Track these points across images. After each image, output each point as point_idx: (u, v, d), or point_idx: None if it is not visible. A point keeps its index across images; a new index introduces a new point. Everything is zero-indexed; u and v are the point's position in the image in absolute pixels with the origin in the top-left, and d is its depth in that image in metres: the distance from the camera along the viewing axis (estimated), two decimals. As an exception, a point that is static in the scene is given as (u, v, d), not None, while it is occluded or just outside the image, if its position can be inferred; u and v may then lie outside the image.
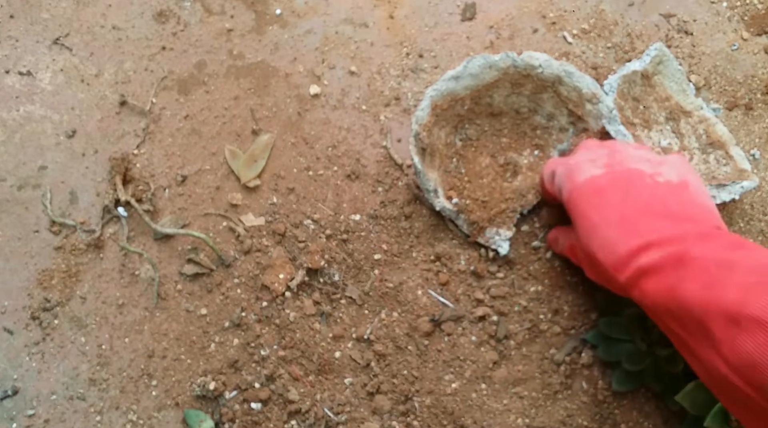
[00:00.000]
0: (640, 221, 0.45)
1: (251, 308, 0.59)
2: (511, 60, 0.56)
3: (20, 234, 0.62)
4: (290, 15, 0.70)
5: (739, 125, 0.64)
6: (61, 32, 0.69)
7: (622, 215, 0.45)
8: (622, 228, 0.45)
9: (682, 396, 0.50)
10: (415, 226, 0.61)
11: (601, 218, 0.46)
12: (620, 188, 0.47)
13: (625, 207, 0.46)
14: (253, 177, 0.63)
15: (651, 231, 0.44)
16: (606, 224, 0.45)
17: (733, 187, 0.58)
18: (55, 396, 0.57)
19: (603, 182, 0.47)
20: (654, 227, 0.44)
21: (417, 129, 0.57)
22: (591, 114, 0.58)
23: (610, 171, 0.48)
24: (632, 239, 0.44)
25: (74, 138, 0.65)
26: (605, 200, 0.46)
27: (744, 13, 0.69)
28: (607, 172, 0.48)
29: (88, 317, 0.59)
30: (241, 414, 0.56)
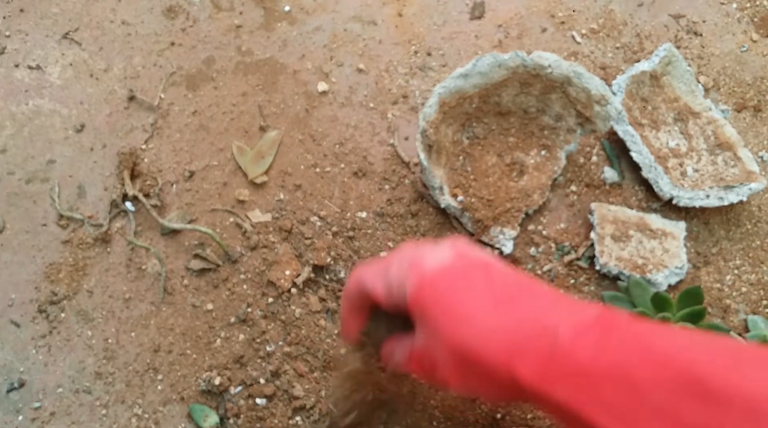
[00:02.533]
0: (517, 300, 0.37)
1: (257, 304, 0.59)
2: (521, 59, 0.56)
3: (28, 228, 0.62)
4: (299, 12, 0.70)
5: (748, 126, 0.64)
6: (71, 27, 0.70)
7: (495, 297, 0.37)
8: (501, 310, 0.37)
9: None
10: (422, 224, 0.61)
11: (472, 304, 0.37)
12: (481, 270, 0.39)
13: (495, 289, 0.38)
14: (260, 173, 0.63)
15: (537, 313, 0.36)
16: (482, 310, 0.37)
17: (741, 189, 0.58)
18: (61, 389, 0.57)
19: (458, 266, 0.39)
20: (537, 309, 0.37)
21: (424, 126, 0.57)
22: (599, 116, 0.58)
23: (459, 256, 0.40)
24: (512, 321, 0.36)
25: (83, 132, 0.66)
26: (470, 284, 0.38)
27: (754, 14, 0.68)
28: (457, 257, 0.40)
29: (94, 311, 0.59)
30: (246, 409, 0.56)
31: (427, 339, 0.39)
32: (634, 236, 0.58)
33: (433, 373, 0.40)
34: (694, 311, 0.53)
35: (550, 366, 0.33)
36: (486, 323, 0.36)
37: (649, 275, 0.56)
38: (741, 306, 0.58)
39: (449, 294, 0.38)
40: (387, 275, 0.41)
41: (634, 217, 0.59)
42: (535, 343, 0.34)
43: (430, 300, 0.38)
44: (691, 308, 0.53)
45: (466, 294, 0.38)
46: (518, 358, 0.34)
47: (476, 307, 0.37)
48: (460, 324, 0.37)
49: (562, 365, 0.33)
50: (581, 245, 0.60)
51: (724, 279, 0.59)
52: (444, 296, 0.38)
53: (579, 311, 0.35)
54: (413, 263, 0.40)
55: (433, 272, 0.39)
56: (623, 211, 0.60)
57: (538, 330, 0.35)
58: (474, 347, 0.36)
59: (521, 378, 0.34)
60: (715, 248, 0.60)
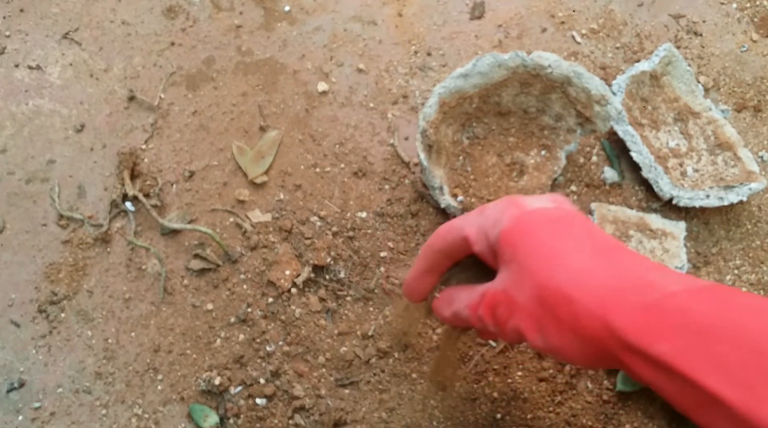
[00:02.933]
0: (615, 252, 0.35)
1: (257, 304, 0.59)
2: (521, 59, 0.56)
3: (28, 228, 0.62)
4: (299, 12, 0.70)
5: (748, 126, 0.64)
6: (71, 27, 0.70)
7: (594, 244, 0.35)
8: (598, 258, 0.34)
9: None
10: (422, 224, 0.61)
11: (568, 247, 0.35)
12: (581, 218, 0.37)
13: (595, 237, 0.35)
14: (260, 173, 0.63)
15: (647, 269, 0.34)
16: (579, 254, 0.34)
17: (741, 189, 0.58)
18: (61, 389, 0.57)
19: (560, 214, 0.37)
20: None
21: (424, 126, 0.57)
22: (599, 116, 0.58)
23: (556, 206, 0.38)
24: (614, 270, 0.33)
25: (83, 132, 0.66)
26: (569, 229, 0.36)
27: (754, 14, 0.68)
28: (555, 206, 0.38)
29: (94, 311, 0.59)
30: (246, 409, 0.56)
31: (512, 279, 0.36)
32: (634, 236, 0.58)
33: (507, 320, 0.36)
34: (694, 311, 0.53)
35: (655, 320, 0.30)
36: (584, 267, 0.34)
37: (649, 275, 0.56)
38: (741, 306, 0.58)
39: (547, 233, 0.35)
40: (481, 215, 0.39)
41: (634, 217, 0.59)
42: (637, 295, 0.31)
43: (525, 237, 0.36)
44: (691, 308, 0.53)
45: (564, 237, 0.35)
46: (616, 308, 0.31)
47: (574, 251, 0.34)
48: (555, 265, 0.34)
49: (670, 319, 0.30)
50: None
51: (724, 279, 0.59)
52: (541, 234, 0.35)
53: (689, 277, 0.33)
54: (512, 203, 0.38)
55: (532, 211, 0.37)
56: (623, 211, 0.60)
57: (643, 283, 0.32)
58: (566, 290, 0.33)
59: (617, 328, 0.31)
60: (715, 248, 0.60)
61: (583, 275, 0.33)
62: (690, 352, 0.29)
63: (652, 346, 0.30)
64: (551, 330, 0.34)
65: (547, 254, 0.34)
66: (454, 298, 0.41)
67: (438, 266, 0.42)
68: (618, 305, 0.31)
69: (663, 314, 0.30)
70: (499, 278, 0.37)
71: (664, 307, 0.31)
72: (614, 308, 0.31)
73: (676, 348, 0.30)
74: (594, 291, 0.32)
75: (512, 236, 0.36)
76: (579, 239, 0.35)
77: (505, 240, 0.36)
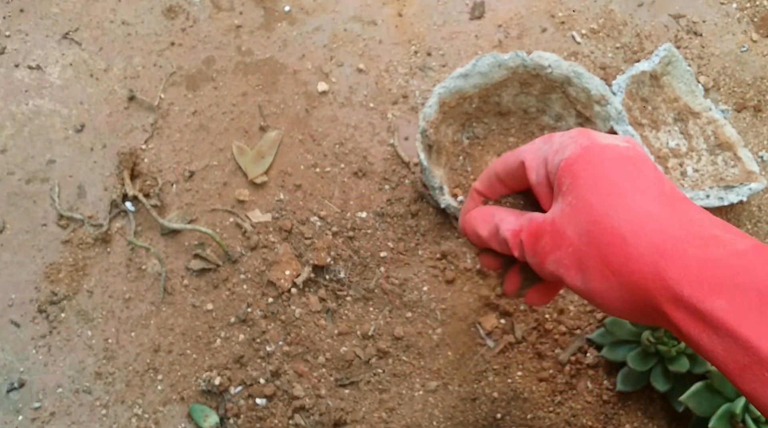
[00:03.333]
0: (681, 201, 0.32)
1: (257, 304, 0.59)
2: (521, 59, 0.56)
3: (28, 228, 0.62)
4: (299, 12, 0.70)
5: (748, 126, 0.64)
6: (71, 27, 0.70)
7: (661, 190, 0.32)
8: (665, 205, 0.32)
9: (688, 397, 0.50)
10: (422, 224, 0.61)
11: (635, 187, 0.32)
12: (650, 162, 0.34)
13: (662, 183, 0.33)
14: (260, 173, 0.63)
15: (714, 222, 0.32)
16: (646, 197, 0.32)
17: (741, 189, 0.58)
18: (61, 389, 0.57)
19: (632, 153, 0.34)
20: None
21: (424, 126, 0.57)
22: (599, 116, 0.58)
23: (633, 146, 0.35)
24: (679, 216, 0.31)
25: (83, 132, 0.66)
26: (637, 170, 0.33)
27: (754, 14, 0.68)
28: (632, 146, 0.35)
29: (94, 311, 0.59)
30: (246, 409, 0.56)
31: (565, 211, 0.33)
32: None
33: (549, 253, 0.34)
34: (694, 311, 0.53)
35: (716, 274, 0.28)
36: (646, 210, 0.31)
37: (649, 275, 0.56)
38: (741, 306, 0.58)
39: (613, 170, 0.33)
40: (547, 142, 0.36)
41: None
42: (700, 248, 0.29)
43: (590, 168, 0.33)
44: (691, 308, 0.53)
45: (632, 177, 0.33)
46: (674, 257, 0.29)
47: (640, 192, 0.32)
48: (615, 203, 0.32)
49: (732, 276, 0.28)
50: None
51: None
52: (607, 169, 0.33)
53: (756, 240, 0.31)
54: (583, 133, 0.35)
55: (603, 145, 0.34)
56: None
57: (708, 237, 0.30)
58: (622, 231, 0.31)
59: (670, 278, 0.29)
60: (715, 248, 0.60)
61: (643, 218, 0.31)
62: (748, 312, 0.28)
63: (707, 301, 0.28)
64: (595, 271, 0.32)
65: (610, 190, 0.32)
66: (497, 216, 0.38)
67: (493, 191, 0.40)
68: (676, 254, 0.29)
69: (725, 269, 0.29)
70: (551, 209, 0.35)
71: (727, 263, 0.29)
72: (671, 257, 0.29)
73: (734, 306, 0.28)
74: (652, 237, 0.30)
75: (576, 166, 0.33)
76: (647, 182, 0.32)
77: (566, 168, 0.34)
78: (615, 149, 0.34)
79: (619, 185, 0.32)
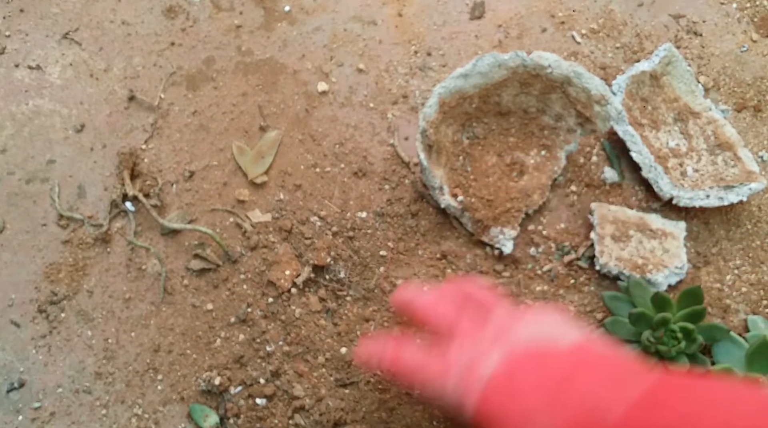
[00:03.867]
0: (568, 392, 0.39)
1: (257, 304, 0.59)
2: (521, 59, 0.56)
3: (28, 228, 0.62)
4: (299, 12, 0.70)
5: (748, 126, 0.64)
6: (71, 27, 0.70)
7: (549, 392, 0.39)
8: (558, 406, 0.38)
9: None
10: (422, 224, 0.61)
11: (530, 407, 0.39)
12: (535, 366, 0.41)
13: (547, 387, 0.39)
14: (260, 173, 0.63)
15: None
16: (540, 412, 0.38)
17: (741, 189, 0.58)
18: (61, 389, 0.57)
19: (511, 368, 0.41)
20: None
21: (424, 126, 0.57)
22: (599, 116, 0.58)
23: (509, 354, 0.41)
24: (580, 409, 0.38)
25: (83, 132, 0.66)
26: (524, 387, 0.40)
27: (754, 14, 0.68)
28: (507, 357, 0.41)
29: (94, 311, 0.59)
30: (246, 409, 0.56)
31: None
32: (634, 236, 0.58)
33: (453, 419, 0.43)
34: (694, 312, 0.53)
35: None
36: (543, 420, 0.38)
37: (649, 276, 0.56)
38: (741, 306, 0.58)
39: (505, 406, 0.40)
40: (447, 387, 0.43)
41: (634, 217, 0.59)
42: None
43: (489, 418, 0.41)
44: (691, 309, 0.53)
45: (520, 399, 0.39)
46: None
47: (532, 408, 0.39)
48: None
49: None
50: (581, 245, 0.60)
51: (724, 279, 0.59)
52: (500, 409, 0.40)
53: (630, 385, 0.36)
54: (467, 379, 0.42)
55: (486, 387, 0.41)
56: (623, 211, 0.60)
57: (592, 415, 0.36)
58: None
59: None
60: (715, 248, 0.60)
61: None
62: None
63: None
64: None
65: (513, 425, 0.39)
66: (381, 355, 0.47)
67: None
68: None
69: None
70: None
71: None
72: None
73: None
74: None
75: (481, 421, 0.41)
76: (533, 391, 0.39)
77: (478, 423, 0.41)
78: (495, 382, 0.41)
79: (516, 417, 0.39)
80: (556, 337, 0.42)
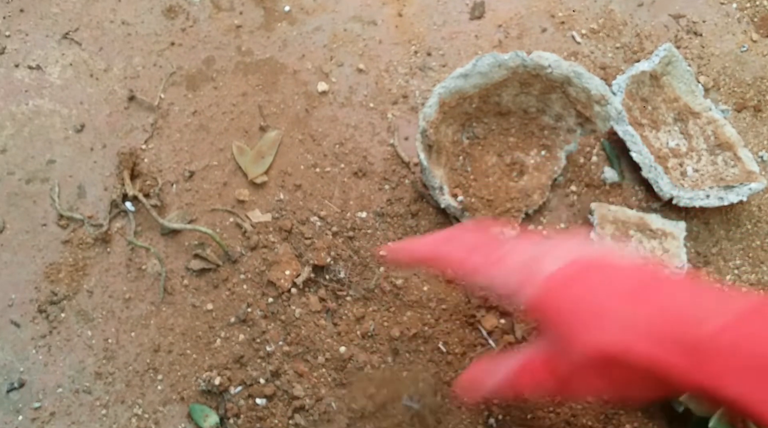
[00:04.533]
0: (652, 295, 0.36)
1: (257, 304, 0.59)
2: (521, 59, 0.56)
3: (28, 228, 0.62)
4: (299, 12, 0.70)
5: (748, 126, 0.64)
6: (71, 27, 0.70)
7: (630, 288, 0.36)
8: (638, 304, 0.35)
9: (687, 398, 0.50)
10: (422, 224, 0.61)
11: (603, 302, 0.36)
12: (604, 270, 0.38)
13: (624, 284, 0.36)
14: (260, 173, 0.63)
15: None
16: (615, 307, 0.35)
17: (741, 189, 0.58)
18: (61, 389, 0.57)
19: (576, 270, 0.38)
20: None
21: (424, 126, 0.57)
22: (599, 116, 0.58)
23: (576, 259, 0.38)
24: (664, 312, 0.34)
25: (83, 132, 0.66)
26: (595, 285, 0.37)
27: (754, 14, 0.68)
28: (574, 260, 0.38)
29: (94, 311, 0.59)
30: (246, 409, 0.56)
31: (558, 347, 0.38)
32: (634, 236, 0.58)
33: (570, 382, 0.38)
34: (694, 311, 0.53)
35: (712, 362, 0.31)
36: (621, 316, 0.34)
37: (649, 275, 0.56)
38: (741, 306, 0.58)
39: (574, 298, 0.37)
40: (504, 278, 0.40)
41: (634, 217, 0.59)
42: (686, 336, 0.32)
43: (555, 308, 0.37)
44: (691, 308, 0.53)
45: (591, 294, 0.36)
46: (671, 357, 0.32)
47: (606, 304, 0.35)
48: (593, 324, 0.35)
49: (727, 360, 0.31)
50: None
51: (724, 279, 0.59)
52: (568, 301, 0.37)
53: (730, 296, 0.33)
54: (531, 270, 0.39)
55: (551, 279, 0.38)
56: (623, 211, 0.60)
57: (688, 321, 0.32)
58: (614, 343, 0.34)
59: (672, 375, 0.32)
60: (715, 248, 0.60)
61: (623, 324, 0.34)
62: (756, 392, 0.30)
63: (718, 391, 0.31)
64: (618, 380, 0.35)
65: (582, 317, 0.36)
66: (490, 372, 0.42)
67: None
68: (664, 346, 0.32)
69: (718, 355, 0.31)
70: (545, 346, 0.39)
71: (717, 347, 0.31)
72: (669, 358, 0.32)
73: (742, 390, 0.30)
74: (641, 344, 0.33)
75: (540, 312, 0.38)
76: (606, 289, 0.36)
77: (534, 314, 0.38)
78: (563, 275, 0.37)
79: (586, 309, 0.36)
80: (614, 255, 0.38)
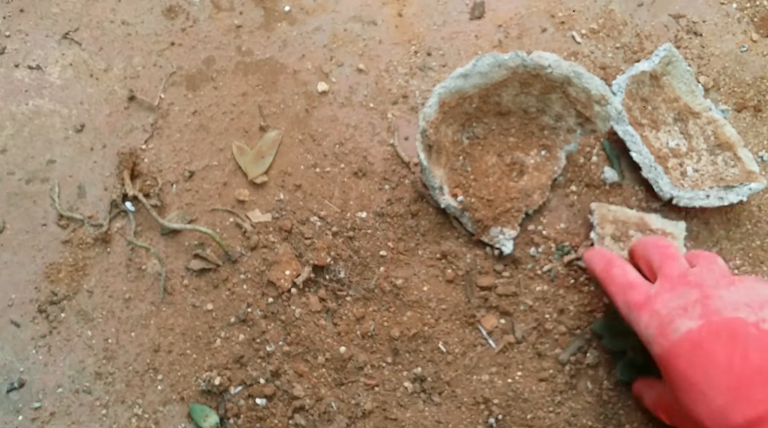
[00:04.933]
0: (753, 385, 0.39)
1: (257, 304, 0.59)
2: (521, 59, 0.56)
3: (28, 228, 0.62)
4: (299, 12, 0.70)
5: (748, 126, 0.64)
6: (71, 27, 0.70)
7: (730, 378, 0.40)
8: (733, 395, 0.40)
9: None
10: (422, 224, 0.61)
11: (707, 382, 0.41)
12: (724, 344, 0.41)
13: (732, 369, 0.40)
14: (260, 173, 0.63)
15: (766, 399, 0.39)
16: (715, 391, 0.40)
17: (741, 189, 0.58)
18: (61, 389, 0.57)
19: (702, 337, 0.42)
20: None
21: (424, 126, 0.57)
22: (599, 116, 0.58)
23: (706, 323, 0.42)
24: (748, 409, 0.39)
25: (83, 132, 0.66)
26: (709, 361, 0.41)
27: (754, 14, 0.68)
28: (704, 324, 0.42)
29: (94, 311, 0.59)
30: (246, 409, 0.56)
31: (672, 397, 0.45)
32: (634, 236, 0.58)
33: (676, 425, 0.47)
34: (694, 311, 0.53)
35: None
36: (717, 403, 0.40)
37: (649, 275, 0.56)
38: (741, 306, 0.58)
39: (688, 366, 0.42)
40: (641, 319, 0.46)
41: (634, 217, 0.59)
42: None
43: (673, 368, 0.43)
44: (691, 308, 0.53)
45: (703, 368, 0.41)
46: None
47: (710, 385, 0.40)
48: (693, 397, 0.41)
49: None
50: (581, 245, 0.60)
51: (724, 279, 0.59)
52: (683, 367, 0.42)
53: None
54: (660, 327, 0.44)
55: (677, 340, 0.43)
56: (623, 211, 0.60)
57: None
58: (701, 421, 0.41)
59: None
60: (715, 248, 0.60)
61: (715, 412, 0.40)
62: None
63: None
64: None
65: (689, 389, 0.42)
66: (641, 394, 0.52)
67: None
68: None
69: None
70: (665, 389, 0.47)
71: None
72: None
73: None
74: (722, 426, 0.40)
75: (663, 364, 0.44)
76: (717, 370, 0.40)
77: (660, 364, 0.44)
78: (687, 341, 0.42)
79: (696, 383, 0.41)
80: (763, 313, 0.42)
